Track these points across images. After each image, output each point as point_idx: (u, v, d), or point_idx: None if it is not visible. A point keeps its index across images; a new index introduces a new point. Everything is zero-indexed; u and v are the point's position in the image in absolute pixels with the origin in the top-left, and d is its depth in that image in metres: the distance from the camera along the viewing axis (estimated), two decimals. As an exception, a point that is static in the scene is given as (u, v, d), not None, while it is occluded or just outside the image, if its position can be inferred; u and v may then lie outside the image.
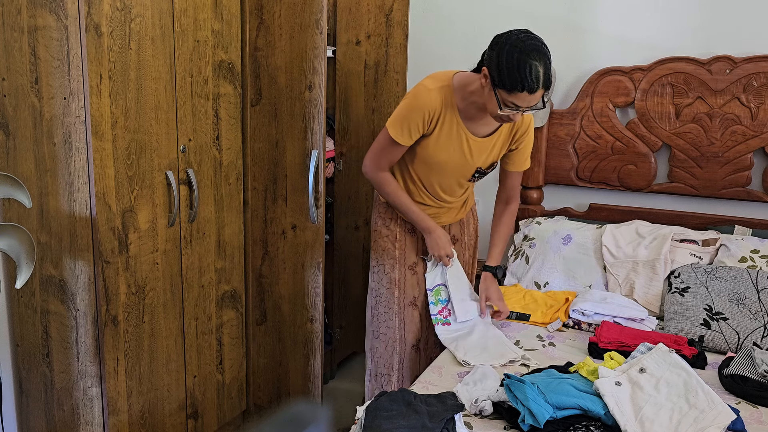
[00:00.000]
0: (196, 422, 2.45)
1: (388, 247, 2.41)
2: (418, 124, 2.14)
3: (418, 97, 2.13)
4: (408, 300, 2.42)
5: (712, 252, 2.63)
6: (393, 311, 2.41)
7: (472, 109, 2.15)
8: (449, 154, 2.21)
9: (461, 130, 2.17)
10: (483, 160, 2.27)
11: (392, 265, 2.41)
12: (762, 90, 2.66)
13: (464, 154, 2.22)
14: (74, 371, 2.10)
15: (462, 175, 2.29)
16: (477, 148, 2.22)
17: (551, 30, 3.01)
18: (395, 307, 2.41)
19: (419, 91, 2.15)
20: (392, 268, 2.41)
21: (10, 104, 1.99)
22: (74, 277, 2.02)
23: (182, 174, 2.24)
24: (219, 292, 2.49)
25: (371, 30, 2.91)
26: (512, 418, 1.73)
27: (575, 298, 2.54)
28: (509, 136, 2.28)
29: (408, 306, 2.41)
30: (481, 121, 2.19)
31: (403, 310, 2.41)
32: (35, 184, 2.01)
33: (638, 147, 2.87)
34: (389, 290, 2.41)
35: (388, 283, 2.41)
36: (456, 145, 2.19)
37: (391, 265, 2.41)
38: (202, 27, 2.24)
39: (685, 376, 1.79)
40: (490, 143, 2.24)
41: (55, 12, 1.85)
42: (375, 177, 2.30)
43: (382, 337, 2.44)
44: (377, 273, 2.44)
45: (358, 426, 1.69)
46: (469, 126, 2.18)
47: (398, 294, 2.41)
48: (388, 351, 2.43)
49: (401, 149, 2.22)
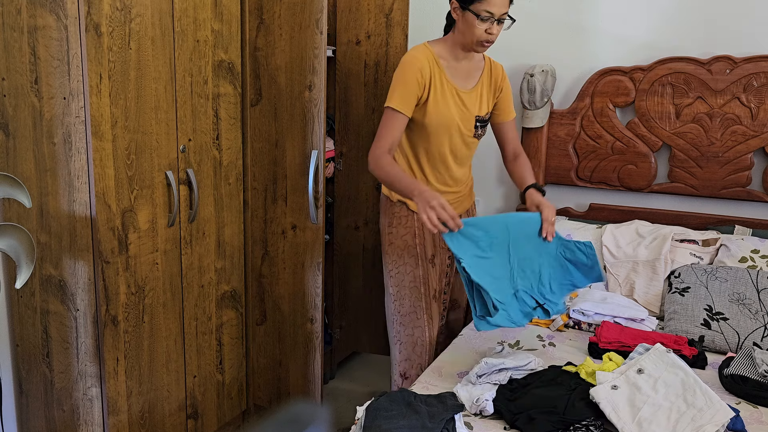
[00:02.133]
0: (196, 422, 2.45)
1: (408, 245, 2.37)
2: (414, 87, 2.20)
3: (406, 64, 2.22)
4: (432, 294, 2.40)
5: (712, 252, 2.63)
6: (421, 309, 2.38)
7: (455, 62, 2.28)
8: (448, 109, 2.26)
9: (450, 85, 2.27)
10: (477, 108, 2.34)
11: (414, 262, 2.37)
12: (762, 90, 2.66)
13: (459, 107, 2.29)
14: (74, 371, 2.10)
15: (466, 128, 2.31)
16: (468, 99, 2.31)
17: (551, 30, 3.02)
18: (422, 304, 2.37)
19: (406, 60, 2.24)
20: (415, 265, 2.37)
21: (10, 104, 1.99)
22: (74, 277, 2.02)
23: (182, 174, 2.24)
24: (219, 292, 2.49)
25: (371, 30, 2.91)
26: (512, 418, 1.73)
27: (575, 298, 2.54)
28: (490, 84, 2.37)
29: (433, 300, 2.40)
30: (463, 75, 2.31)
31: (430, 305, 2.39)
32: (35, 184, 2.02)
33: (638, 147, 2.87)
34: (414, 288, 2.37)
35: (412, 281, 2.37)
36: (451, 101, 2.27)
37: (413, 262, 2.37)
38: (202, 27, 2.24)
39: (683, 375, 1.79)
40: (477, 93, 2.33)
41: (55, 12, 1.85)
42: (376, 162, 2.19)
43: (408, 339, 2.40)
44: (397, 275, 2.39)
45: (358, 426, 1.69)
46: (455, 81, 2.29)
47: (424, 290, 2.38)
48: (416, 352, 2.40)
49: (402, 120, 2.21)
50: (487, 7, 2.12)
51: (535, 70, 2.90)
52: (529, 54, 2.98)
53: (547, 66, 2.91)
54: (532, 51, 2.99)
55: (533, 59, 2.98)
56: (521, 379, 1.91)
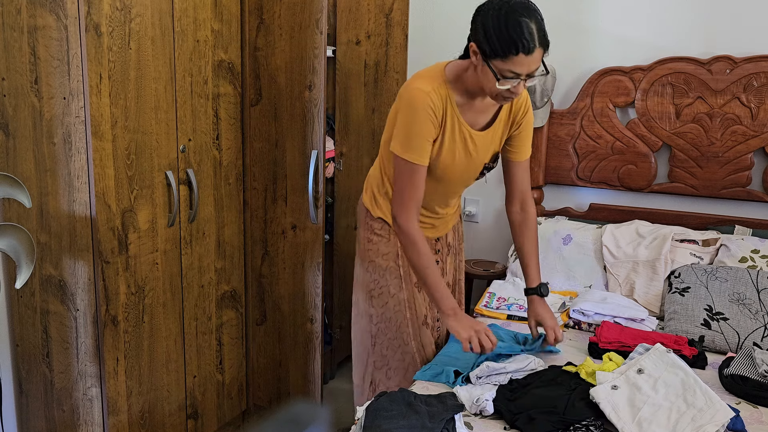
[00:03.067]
0: (196, 422, 2.45)
1: (391, 266, 2.12)
2: (430, 133, 1.88)
3: (418, 106, 1.86)
4: (420, 320, 2.16)
5: (712, 252, 2.63)
6: (408, 335, 2.13)
7: (470, 99, 1.93)
8: (455, 157, 1.97)
9: (462, 127, 1.94)
10: (487, 151, 2.05)
11: (398, 284, 2.12)
12: (762, 90, 2.66)
13: (470, 153, 1.98)
14: (74, 371, 2.10)
15: (470, 176, 2.08)
16: (481, 142, 1.99)
17: (551, 30, 2.99)
18: (409, 330, 2.13)
19: (416, 97, 1.86)
20: (398, 288, 2.12)
21: (10, 104, 1.99)
22: (74, 277, 2.02)
23: (182, 174, 2.24)
24: (219, 292, 2.49)
25: (371, 30, 2.91)
26: (512, 418, 1.73)
27: (575, 298, 2.54)
28: (508, 120, 2.04)
29: (422, 326, 2.16)
30: (478, 112, 1.98)
31: (418, 331, 2.14)
32: (35, 184, 2.02)
33: (638, 147, 2.87)
34: (399, 313, 2.12)
35: (396, 305, 2.12)
36: (460, 146, 1.96)
37: (396, 285, 2.12)
38: (202, 27, 2.24)
39: (683, 375, 1.79)
40: (492, 134, 2.02)
41: (55, 12, 1.85)
42: (409, 232, 1.94)
43: (391, 366, 2.16)
44: (378, 297, 2.14)
45: (358, 426, 1.69)
46: (468, 120, 1.96)
47: (410, 315, 2.13)
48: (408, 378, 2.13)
49: (423, 172, 1.92)
50: (512, 67, 1.73)
51: (535, 70, 2.89)
52: (529, 54, 2.98)
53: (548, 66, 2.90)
54: (532, 51, 2.99)
55: (533, 59, 2.97)
56: (521, 379, 1.91)
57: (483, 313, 2.55)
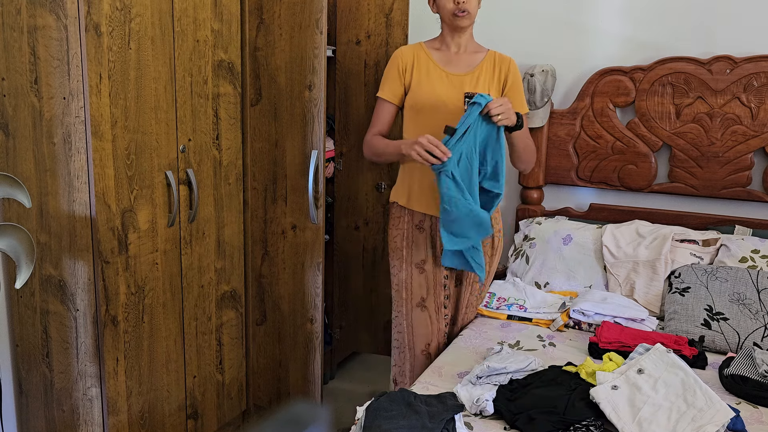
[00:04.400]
0: (196, 422, 2.45)
1: (397, 246, 2.38)
2: (395, 74, 2.34)
3: (390, 58, 2.40)
4: (415, 301, 2.37)
5: (712, 252, 2.63)
6: (401, 314, 2.38)
7: (447, 51, 2.35)
8: (432, 87, 2.30)
9: (437, 69, 2.32)
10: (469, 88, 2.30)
11: (400, 265, 2.37)
12: (762, 90, 2.66)
13: (445, 86, 2.30)
14: (74, 371, 2.10)
15: (454, 104, 2.28)
16: (458, 81, 2.31)
17: (551, 30, 3.02)
18: (403, 309, 2.37)
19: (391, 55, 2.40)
20: (399, 269, 2.38)
21: (10, 104, 1.99)
22: (74, 277, 2.02)
23: (182, 174, 2.24)
24: (219, 292, 2.49)
25: (371, 30, 2.91)
26: (512, 418, 1.73)
27: (576, 298, 2.54)
28: (493, 76, 2.34)
29: (416, 308, 2.36)
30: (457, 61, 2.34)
31: (410, 312, 2.37)
32: (35, 184, 2.01)
33: (638, 147, 2.87)
34: (397, 292, 2.39)
35: (396, 284, 2.38)
36: (436, 81, 2.31)
37: (398, 266, 2.38)
38: (202, 27, 2.24)
39: (683, 375, 1.79)
40: (474, 76, 2.32)
41: (55, 12, 1.85)
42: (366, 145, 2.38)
43: (395, 343, 2.43)
44: (392, 278, 2.42)
45: (358, 426, 1.69)
46: (447, 68, 2.33)
47: (405, 296, 2.37)
48: (401, 358, 2.41)
49: (388, 107, 2.36)
50: None
51: (535, 70, 2.89)
52: (529, 54, 2.98)
53: (547, 66, 2.90)
54: (532, 51, 2.99)
55: (533, 59, 2.97)
56: (521, 380, 1.91)
57: (483, 313, 2.55)
